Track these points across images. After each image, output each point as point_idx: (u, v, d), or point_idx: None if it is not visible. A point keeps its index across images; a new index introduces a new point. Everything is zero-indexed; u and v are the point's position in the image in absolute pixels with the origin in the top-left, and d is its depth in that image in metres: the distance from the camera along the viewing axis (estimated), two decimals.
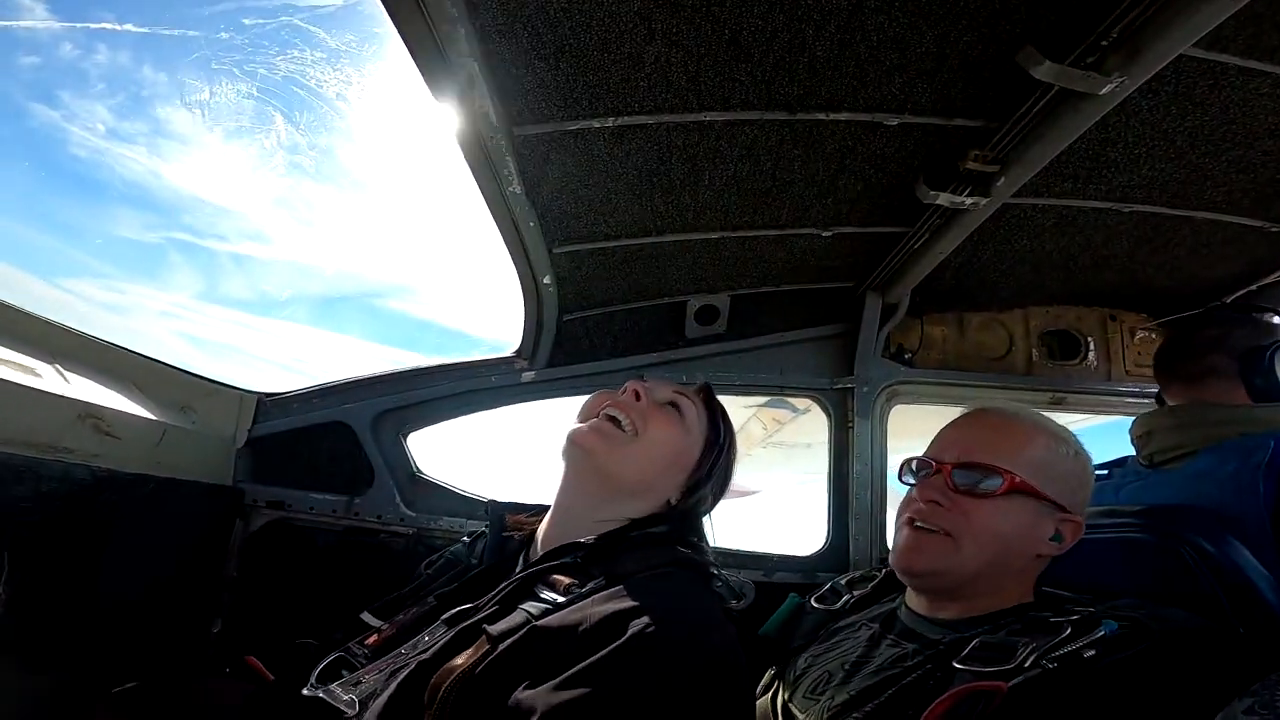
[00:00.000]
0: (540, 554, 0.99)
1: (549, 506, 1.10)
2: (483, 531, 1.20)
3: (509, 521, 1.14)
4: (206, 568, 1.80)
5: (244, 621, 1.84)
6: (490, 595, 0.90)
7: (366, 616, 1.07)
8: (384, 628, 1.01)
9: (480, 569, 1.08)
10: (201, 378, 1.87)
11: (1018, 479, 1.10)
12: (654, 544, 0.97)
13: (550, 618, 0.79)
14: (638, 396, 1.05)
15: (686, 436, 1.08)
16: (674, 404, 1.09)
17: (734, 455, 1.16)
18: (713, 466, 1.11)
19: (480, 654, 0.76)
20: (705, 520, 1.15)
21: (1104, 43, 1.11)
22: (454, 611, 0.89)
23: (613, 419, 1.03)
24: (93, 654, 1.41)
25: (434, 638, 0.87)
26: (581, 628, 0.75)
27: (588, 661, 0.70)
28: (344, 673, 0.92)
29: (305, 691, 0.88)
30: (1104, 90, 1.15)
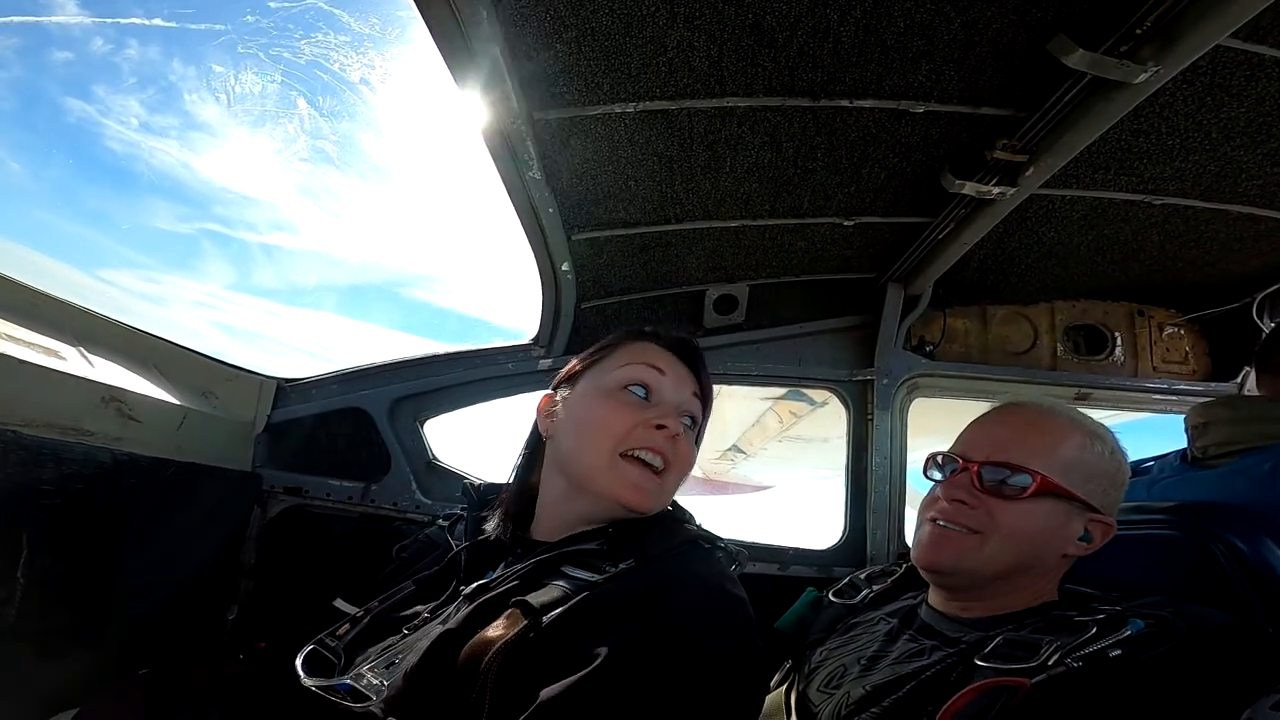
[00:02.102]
0: (551, 536, 1.00)
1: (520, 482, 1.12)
2: (460, 514, 1.20)
3: (488, 530, 1.11)
4: (224, 553, 1.81)
5: (260, 608, 1.85)
6: (507, 573, 0.90)
7: (340, 604, 1.07)
8: (359, 611, 1.01)
9: (466, 549, 1.07)
10: (223, 363, 1.88)
11: (1049, 479, 1.07)
12: (665, 523, 1.01)
13: (601, 589, 0.82)
14: (675, 436, 1.01)
15: (697, 439, 1.09)
16: (692, 418, 1.06)
17: None
18: (699, 440, 1.12)
19: (521, 626, 0.77)
20: None
21: (1139, 31, 1.09)
22: (473, 587, 0.90)
23: (653, 467, 0.99)
24: (109, 639, 1.42)
25: (451, 612, 0.88)
26: (634, 595, 0.80)
27: (645, 619, 0.76)
28: (335, 662, 0.92)
29: (310, 684, 0.87)
30: (1138, 80, 1.13)
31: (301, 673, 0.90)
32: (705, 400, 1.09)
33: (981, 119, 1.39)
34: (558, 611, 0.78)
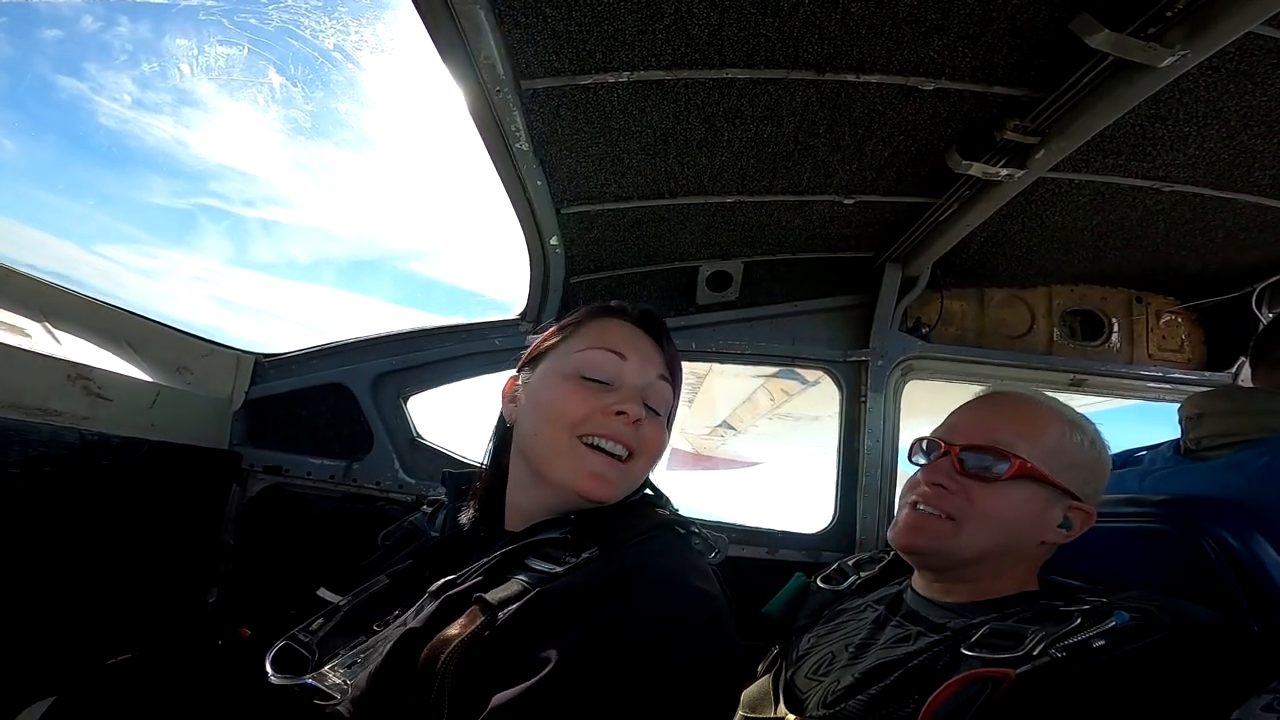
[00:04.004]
0: (518, 526, 0.98)
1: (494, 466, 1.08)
2: (442, 501, 1.17)
3: (465, 522, 1.08)
4: (202, 535, 1.77)
5: (240, 591, 1.82)
6: (474, 568, 0.88)
7: (324, 593, 1.04)
8: (341, 603, 0.99)
9: (441, 542, 1.05)
10: (198, 338, 1.81)
11: (1027, 464, 1.07)
12: (635, 508, 0.98)
13: (558, 583, 0.79)
14: (637, 422, 0.96)
15: (666, 424, 1.04)
16: (654, 410, 1.00)
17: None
18: (674, 416, 1.07)
19: (478, 623, 0.75)
20: None
21: (1168, 14, 1.04)
22: (438, 584, 0.87)
23: (615, 455, 0.94)
24: (84, 625, 1.39)
25: (417, 610, 0.85)
26: (591, 589, 0.77)
27: (599, 618, 0.72)
28: (308, 658, 0.89)
29: (276, 681, 0.85)
30: (1163, 63, 1.08)
31: (270, 670, 0.87)
32: (673, 381, 1.04)
33: (993, 98, 1.33)
34: (514, 608, 0.76)
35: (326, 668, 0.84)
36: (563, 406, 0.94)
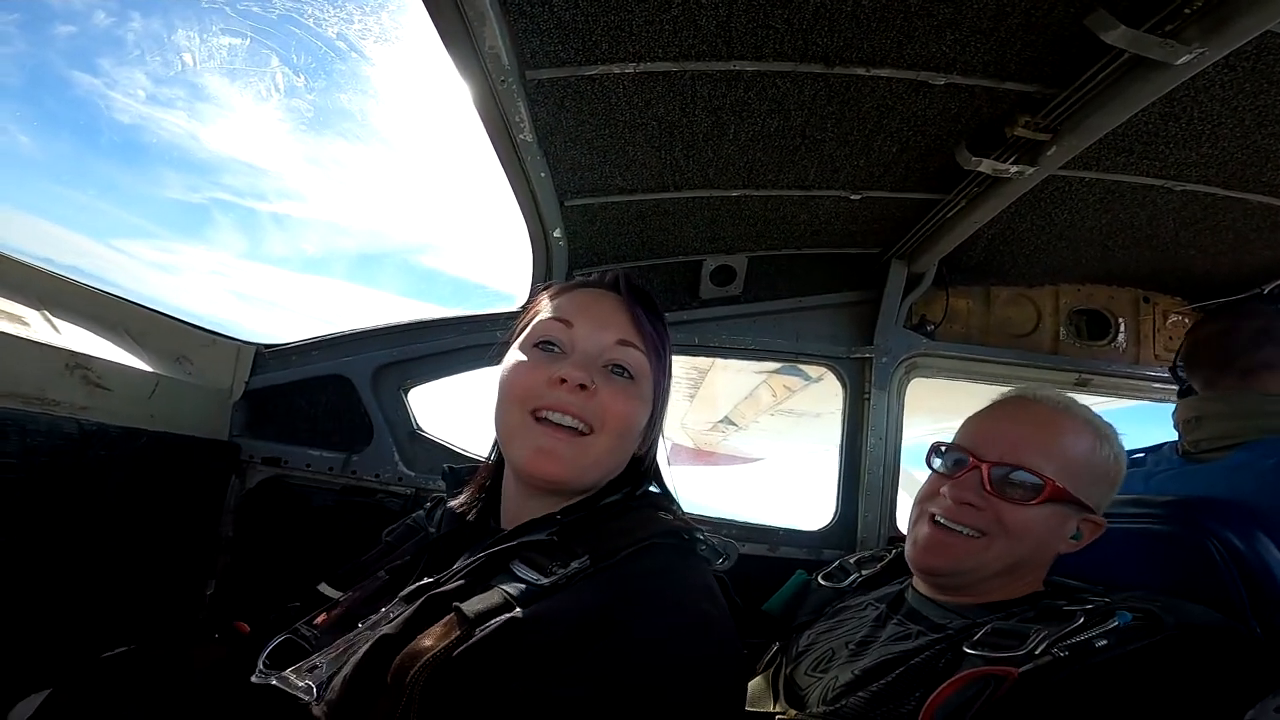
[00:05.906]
0: (508, 526, 0.93)
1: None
2: (442, 498, 1.14)
3: (456, 507, 1.05)
4: (201, 527, 1.76)
5: (239, 583, 1.80)
6: (457, 569, 0.85)
7: (324, 588, 1.02)
8: (341, 598, 0.97)
9: (436, 539, 1.02)
10: (198, 327, 1.79)
11: (1059, 486, 1.06)
12: (633, 510, 0.92)
13: (537, 606, 0.74)
14: (583, 388, 0.87)
15: (640, 394, 0.94)
16: (620, 366, 0.92)
17: (671, 348, 1.03)
18: (664, 391, 1.00)
19: (453, 637, 0.71)
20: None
21: (1186, 10, 1.02)
22: (414, 587, 0.84)
23: (566, 427, 0.88)
24: (81, 617, 1.38)
25: (395, 612, 0.82)
26: (582, 620, 0.72)
27: (596, 654, 0.68)
28: (311, 653, 0.86)
29: (254, 679, 0.81)
30: (1180, 61, 1.06)
31: (261, 665, 0.84)
32: (645, 346, 0.94)
33: (1005, 94, 1.31)
34: (492, 626, 0.71)
35: (291, 669, 0.80)
36: (512, 382, 0.90)
